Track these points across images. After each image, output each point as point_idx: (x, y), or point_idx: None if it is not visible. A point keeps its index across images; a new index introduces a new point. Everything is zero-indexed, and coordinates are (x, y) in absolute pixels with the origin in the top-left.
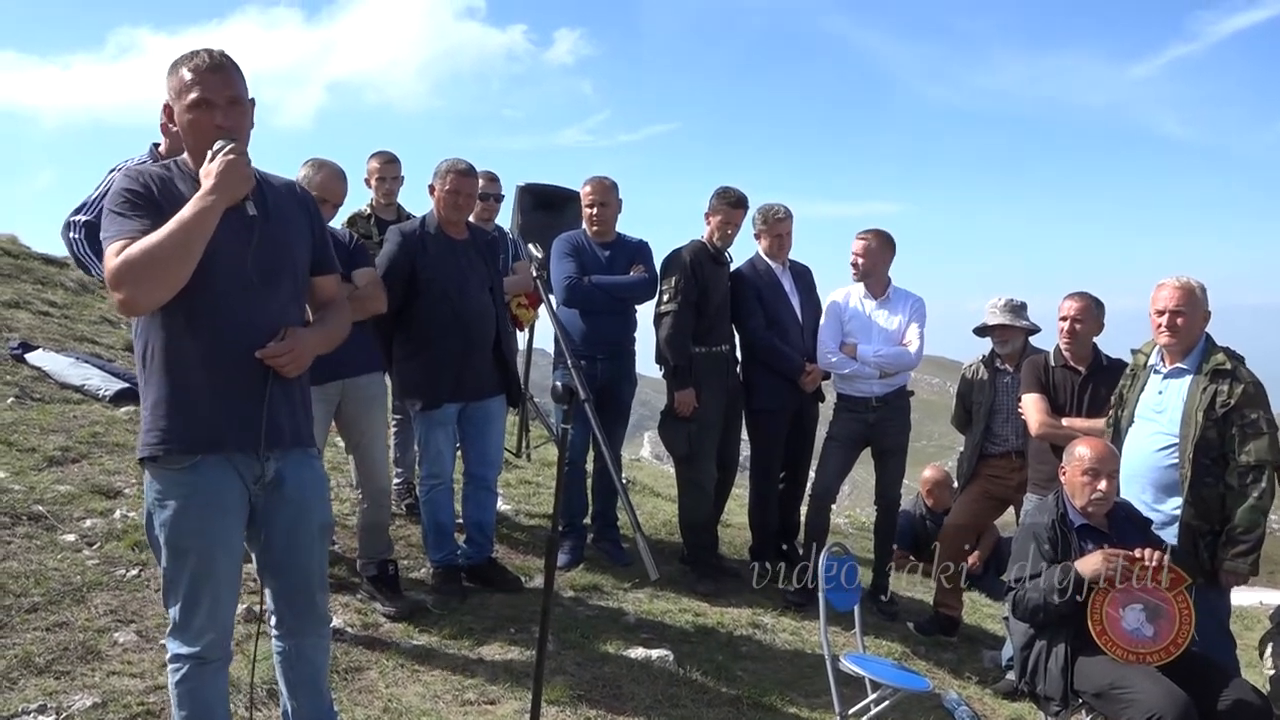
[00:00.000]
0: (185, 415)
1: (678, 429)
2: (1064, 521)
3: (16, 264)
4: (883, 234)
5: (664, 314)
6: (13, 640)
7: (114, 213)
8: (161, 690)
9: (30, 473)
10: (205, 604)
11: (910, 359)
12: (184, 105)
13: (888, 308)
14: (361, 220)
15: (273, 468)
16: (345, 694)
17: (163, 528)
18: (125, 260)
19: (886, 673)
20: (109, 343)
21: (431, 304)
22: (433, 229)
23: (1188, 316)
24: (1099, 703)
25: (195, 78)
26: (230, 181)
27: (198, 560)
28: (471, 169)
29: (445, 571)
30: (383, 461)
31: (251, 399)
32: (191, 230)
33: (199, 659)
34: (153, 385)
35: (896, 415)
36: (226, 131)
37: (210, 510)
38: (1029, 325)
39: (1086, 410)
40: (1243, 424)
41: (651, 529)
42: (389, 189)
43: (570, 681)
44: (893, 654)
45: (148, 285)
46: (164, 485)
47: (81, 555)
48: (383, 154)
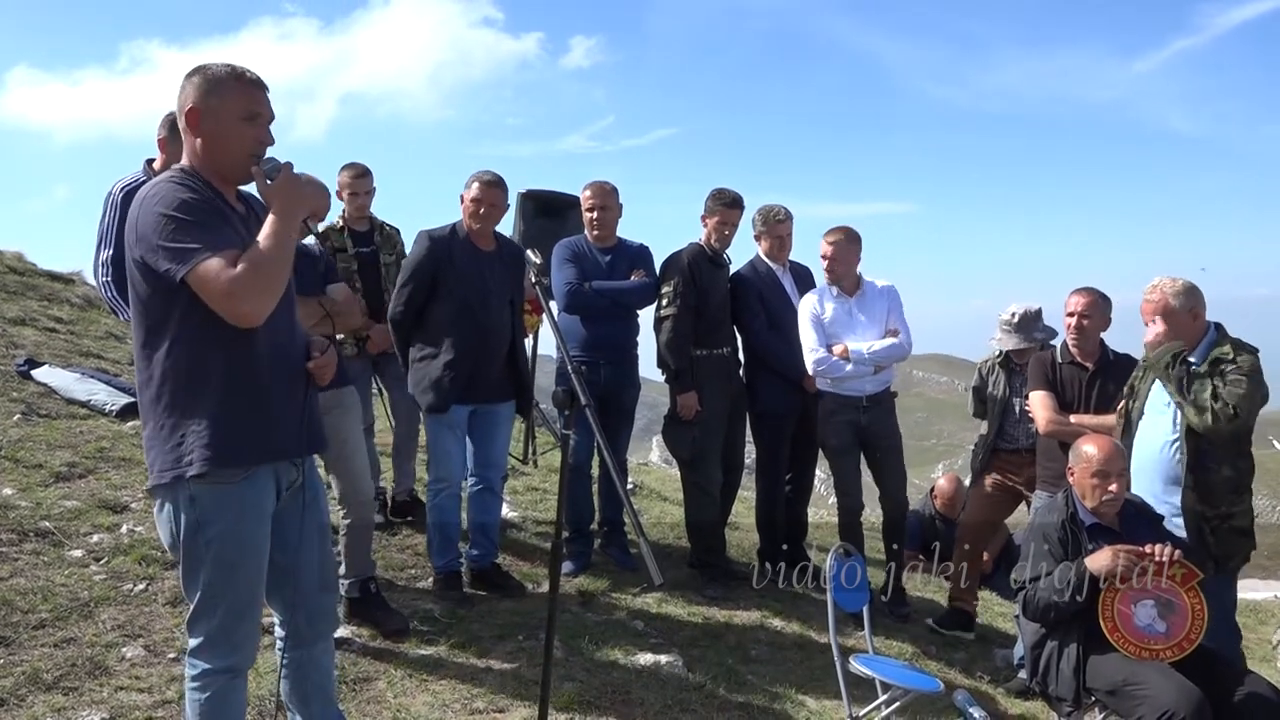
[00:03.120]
0: (249, 426)
1: (682, 432)
2: (1074, 521)
3: (22, 281)
4: (849, 230)
5: (664, 318)
6: (20, 657)
7: (189, 221)
8: (170, 704)
9: (37, 489)
10: (248, 616)
11: (903, 349)
12: (234, 114)
13: (865, 302)
14: (334, 233)
15: (301, 473)
16: (354, 704)
17: (211, 543)
18: (252, 273)
19: (897, 674)
20: (115, 358)
21: (452, 312)
22: (461, 237)
23: (1168, 327)
24: (1112, 700)
25: (249, 90)
26: (300, 198)
27: (249, 571)
28: (497, 180)
29: (447, 578)
30: (364, 471)
31: (299, 407)
32: (289, 245)
33: (231, 672)
34: (207, 399)
35: (886, 415)
36: (265, 147)
37: (256, 521)
38: (1042, 340)
39: (1094, 406)
40: (1232, 367)
41: (660, 533)
42: (361, 203)
43: (579, 688)
44: (903, 655)
45: (269, 298)
46: (211, 501)
47: (88, 571)
48: (354, 166)
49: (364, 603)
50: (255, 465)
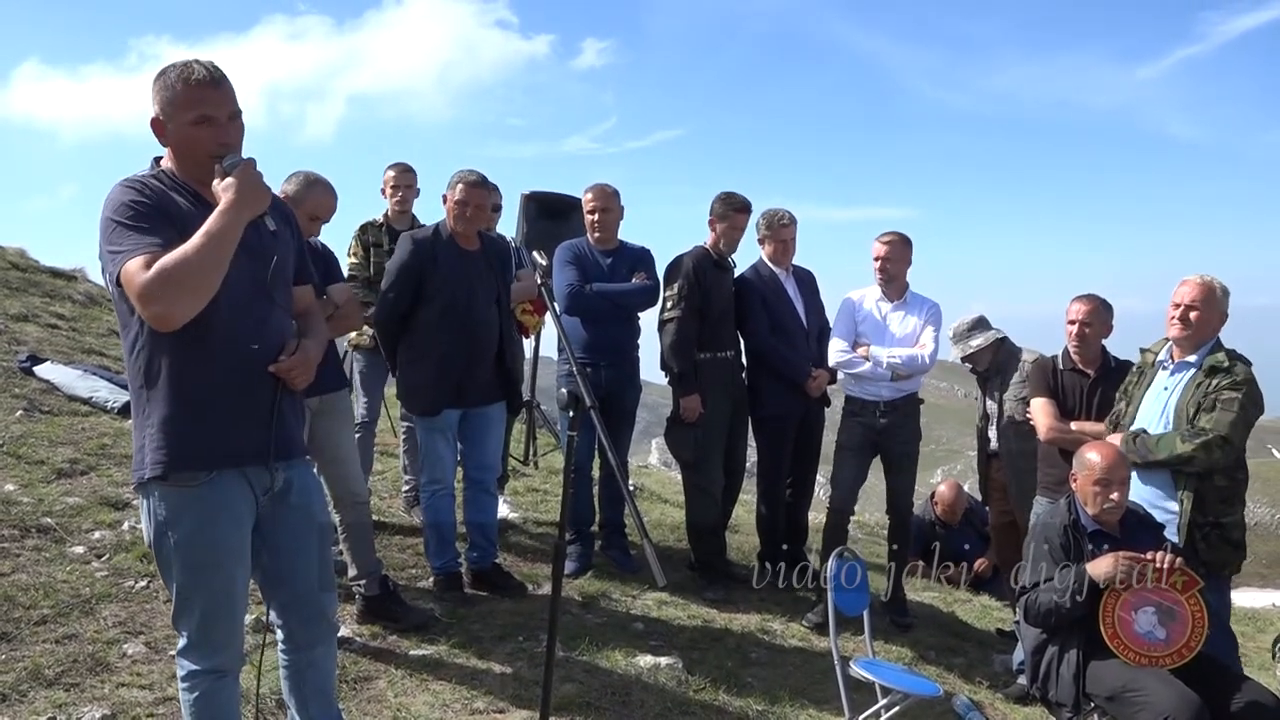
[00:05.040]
0: (201, 430)
1: (684, 435)
2: (1076, 527)
3: (25, 277)
4: (904, 236)
5: (667, 321)
6: (22, 652)
7: (125, 225)
8: (170, 701)
9: (39, 485)
10: (225, 617)
11: (923, 362)
12: (185, 120)
13: (904, 311)
14: (373, 228)
15: (281, 478)
16: (354, 704)
17: (178, 547)
18: (160, 274)
19: (897, 678)
20: (117, 355)
21: (438, 313)
22: (445, 238)
23: (1201, 312)
24: (1111, 706)
25: (196, 93)
26: (254, 196)
27: (218, 575)
28: (482, 180)
29: (447, 579)
30: (358, 473)
31: (263, 411)
32: (222, 243)
33: (217, 673)
34: (160, 402)
35: (906, 422)
36: (228, 147)
37: (227, 524)
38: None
39: (1095, 413)
40: (1218, 398)
41: (659, 535)
42: (403, 197)
43: (579, 689)
44: (903, 659)
45: (185, 299)
46: (175, 504)
47: (90, 567)
48: (399, 165)
49: (383, 599)
50: (212, 469)
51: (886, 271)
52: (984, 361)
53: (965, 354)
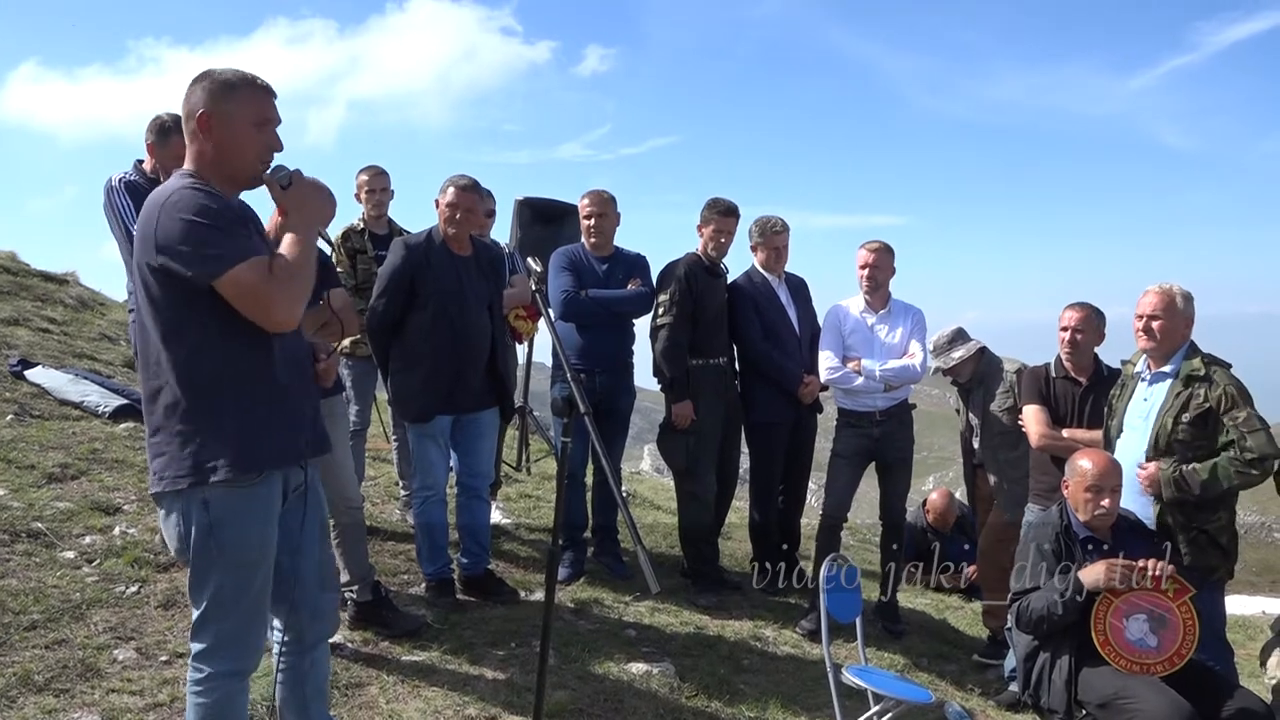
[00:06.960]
0: (271, 430)
1: (676, 442)
2: (1068, 534)
3: (16, 281)
4: (887, 245)
5: (659, 327)
6: (12, 658)
7: (219, 229)
8: (161, 708)
9: (29, 490)
10: (259, 617)
11: (915, 372)
12: (245, 120)
13: (889, 321)
14: (355, 234)
15: (306, 475)
16: (346, 710)
17: (225, 547)
18: (286, 280)
19: (889, 685)
20: (108, 359)
21: (429, 318)
22: (437, 243)
23: (1165, 322)
24: (1103, 713)
25: (262, 96)
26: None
27: (258, 573)
28: (473, 184)
29: (439, 585)
30: (353, 477)
31: (311, 410)
32: (312, 253)
33: (238, 675)
34: (228, 405)
35: (900, 429)
36: (275, 153)
37: (270, 523)
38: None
39: (1088, 421)
40: (1235, 424)
41: (652, 542)
42: (379, 200)
43: (571, 696)
44: (895, 666)
45: (299, 305)
46: (228, 504)
47: (81, 572)
48: (371, 167)
49: (375, 605)
50: (275, 469)
51: (874, 279)
52: (966, 373)
53: (947, 367)
